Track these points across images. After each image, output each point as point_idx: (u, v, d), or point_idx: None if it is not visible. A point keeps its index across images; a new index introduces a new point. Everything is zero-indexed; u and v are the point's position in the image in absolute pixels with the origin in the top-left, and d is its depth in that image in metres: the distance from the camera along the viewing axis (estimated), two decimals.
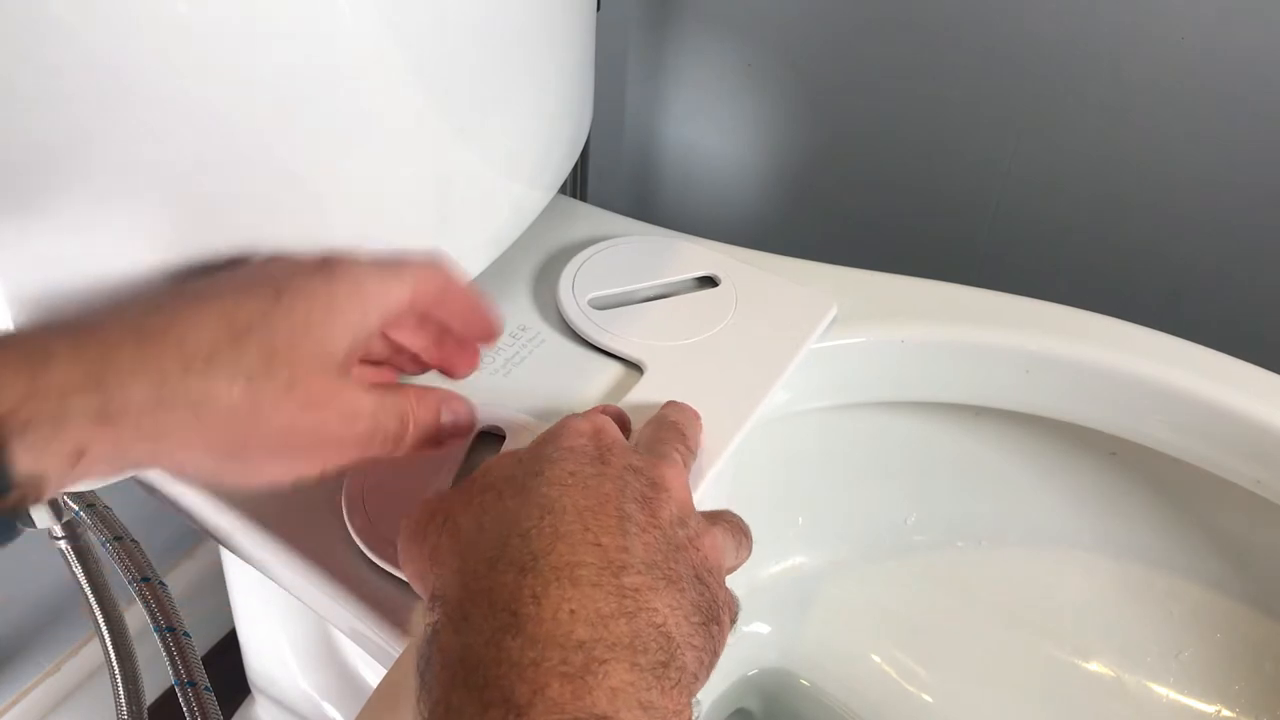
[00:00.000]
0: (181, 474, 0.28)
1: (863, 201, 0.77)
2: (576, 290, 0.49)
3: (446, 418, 0.34)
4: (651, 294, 0.50)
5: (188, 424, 0.26)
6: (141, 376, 0.25)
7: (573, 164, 0.52)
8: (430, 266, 0.33)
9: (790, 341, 0.46)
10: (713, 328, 0.47)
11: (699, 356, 0.46)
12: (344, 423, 0.30)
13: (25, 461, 0.24)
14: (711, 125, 0.80)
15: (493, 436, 0.41)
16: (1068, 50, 0.63)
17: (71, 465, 0.24)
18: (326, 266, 0.30)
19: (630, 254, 0.52)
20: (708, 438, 0.41)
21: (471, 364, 0.37)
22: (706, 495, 0.40)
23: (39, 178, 0.28)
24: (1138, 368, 0.46)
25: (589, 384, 0.45)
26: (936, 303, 0.50)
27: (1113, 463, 0.53)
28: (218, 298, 0.28)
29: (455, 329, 0.36)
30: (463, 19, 0.38)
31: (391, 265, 0.32)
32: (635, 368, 0.46)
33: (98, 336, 0.25)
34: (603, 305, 0.49)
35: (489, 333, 0.37)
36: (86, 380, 0.25)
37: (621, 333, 0.47)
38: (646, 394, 0.43)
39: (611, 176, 0.87)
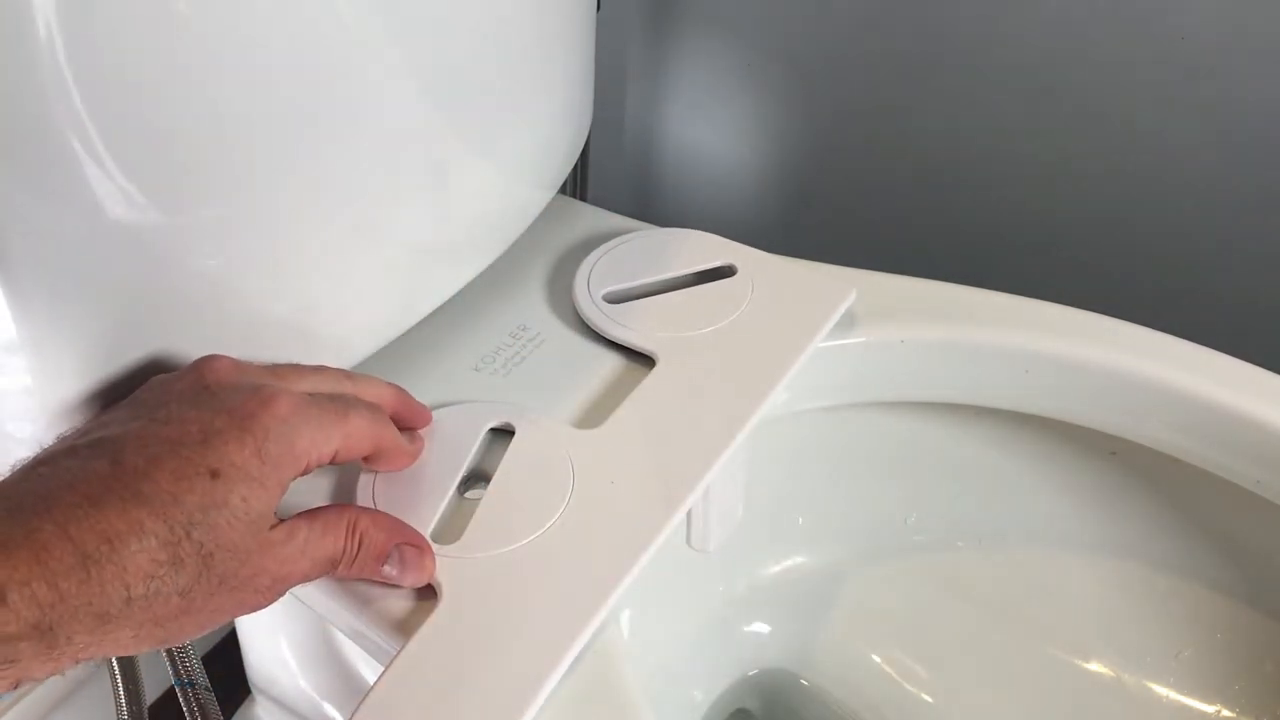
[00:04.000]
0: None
1: (862, 201, 0.77)
2: (591, 284, 0.49)
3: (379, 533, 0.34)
4: (666, 286, 0.50)
5: (124, 642, 0.27)
6: (86, 616, 0.26)
7: (573, 164, 0.52)
8: (367, 418, 0.34)
9: (807, 326, 0.46)
10: (728, 316, 0.47)
11: (713, 345, 0.46)
12: (279, 578, 0.31)
13: None
14: (711, 125, 0.80)
15: (504, 432, 0.42)
16: (1068, 51, 0.63)
17: (5, 690, 0.25)
18: (260, 426, 0.30)
19: (645, 248, 0.52)
20: (723, 420, 0.41)
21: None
22: (721, 479, 0.41)
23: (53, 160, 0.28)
24: (1138, 368, 0.46)
25: (598, 376, 0.45)
26: (936, 303, 0.50)
27: (1113, 463, 0.53)
28: (155, 491, 0.27)
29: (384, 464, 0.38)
30: (463, 19, 0.38)
31: (331, 410, 0.32)
32: (648, 360, 0.46)
33: (42, 559, 0.25)
34: (617, 299, 0.49)
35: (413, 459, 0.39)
36: (38, 625, 0.25)
37: (634, 325, 0.47)
38: (658, 384, 0.43)
39: (611, 176, 0.87)
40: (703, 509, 0.46)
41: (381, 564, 0.34)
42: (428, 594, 0.35)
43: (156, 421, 0.29)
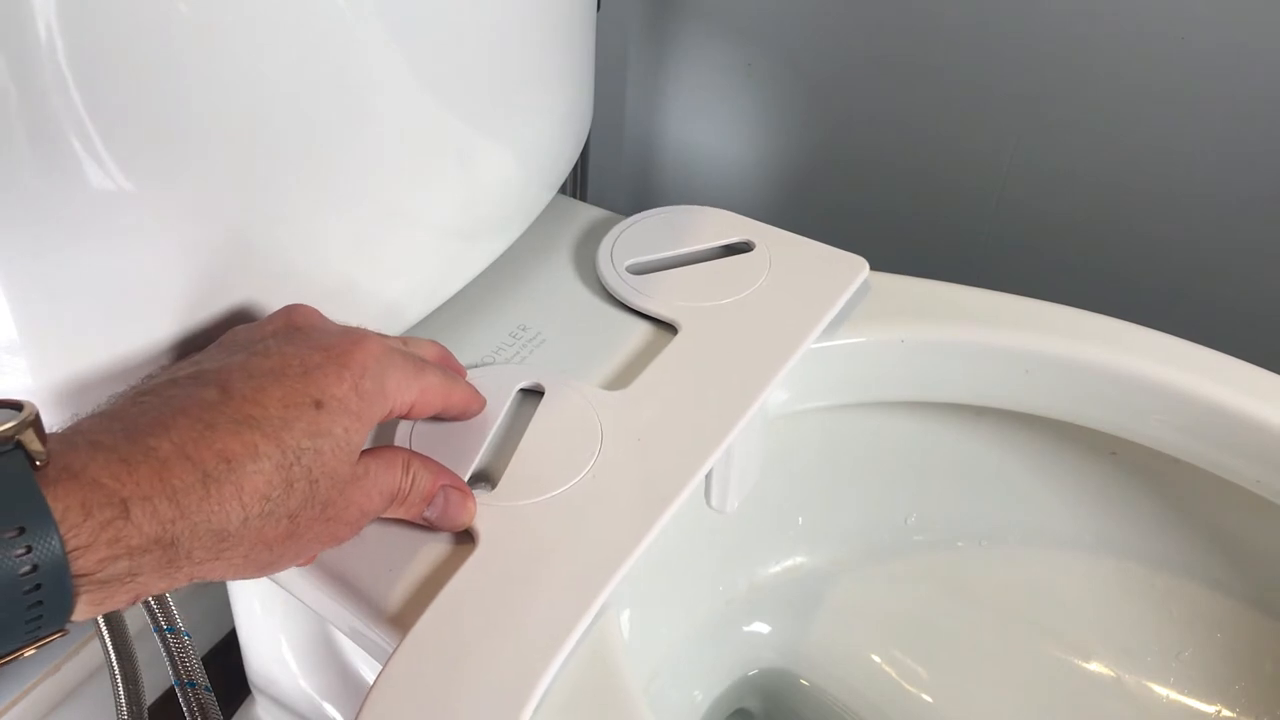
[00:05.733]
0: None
1: (862, 201, 0.77)
2: (615, 256, 0.50)
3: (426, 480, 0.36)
4: (686, 260, 0.51)
5: (235, 563, 0.28)
6: (205, 534, 0.27)
7: (573, 162, 0.52)
8: (440, 377, 0.36)
9: (824, 298, 0.47)
10: (748, 288, 0.48)
11: (734, 314, 0.47)
12: (363, 511, 0.32)
13: (86, 610, 0.25)
14: (711, 125, 0.80)
15: (534, 393, 0.43)
16: (1068, 50, 0.63)
17: (125, 605, 0.26)
18: (356, 363, 0.31)
19: (666, 224, 0.53)
20: (744, 383, 0.43)
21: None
22: (742, 440, 0.42)
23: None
24: (1138, 368, 0.46)
25: (623, 343, 0.46)
26: (936, 303, 0.50)
27: (1113, 463, 0.53)
28: (265, 417, 0.28)
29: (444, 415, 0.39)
30: (463, 18, 0.38)
31: (412, 362, 0.34)
32: (670, 328, 0.47)
33: (164, 476, 0.26)
34: (639, 270, 0.50)
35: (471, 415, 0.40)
36: (159, 539, 0.25)
37: (657, 295, 0.48)
38: (681, 350, 0.45)
39: (611, 176, 0.87)
40: (724, 469, 0.47)
41: (427, 505, 0.35)
42: (464, 539, 0.36)
43: (256, 355, 0.30)
